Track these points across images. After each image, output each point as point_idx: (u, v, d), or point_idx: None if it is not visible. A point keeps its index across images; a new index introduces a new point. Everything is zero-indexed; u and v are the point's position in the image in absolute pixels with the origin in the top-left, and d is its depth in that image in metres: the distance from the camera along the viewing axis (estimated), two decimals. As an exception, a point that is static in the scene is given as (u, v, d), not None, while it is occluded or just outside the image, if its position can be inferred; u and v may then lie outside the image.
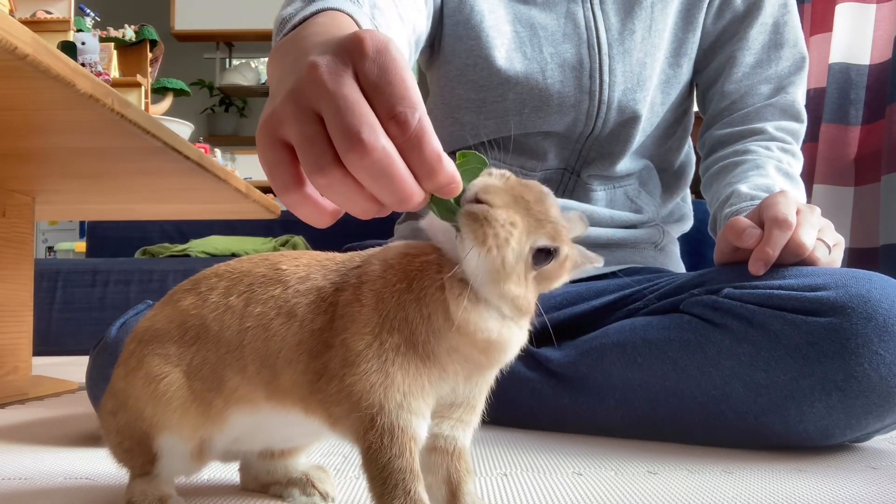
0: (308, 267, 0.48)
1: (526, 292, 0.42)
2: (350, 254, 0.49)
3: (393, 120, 0.38)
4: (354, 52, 0.40)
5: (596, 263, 0.46)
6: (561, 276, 0.44)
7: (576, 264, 0.45)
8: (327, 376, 0.43)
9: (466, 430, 0.48)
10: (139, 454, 0.51)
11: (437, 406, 0.46)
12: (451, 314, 0.42)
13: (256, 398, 0.48)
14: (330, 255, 0.50)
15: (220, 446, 0.53)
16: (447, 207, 0.41)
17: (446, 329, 0.42)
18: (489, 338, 0.43)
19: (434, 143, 0.39)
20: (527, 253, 0.41)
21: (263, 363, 0.46)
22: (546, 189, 0.44)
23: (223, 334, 0.48)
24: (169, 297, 0.53)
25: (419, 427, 0.43)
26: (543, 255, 0.42)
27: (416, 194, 0.39)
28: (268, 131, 0.42)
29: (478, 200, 0.40)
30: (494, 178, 0.42)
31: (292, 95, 0.41)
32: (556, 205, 0.43)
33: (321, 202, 0.42)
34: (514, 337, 0.44)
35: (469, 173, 0.42)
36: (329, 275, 0.47)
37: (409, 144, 0.38)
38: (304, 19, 0.58)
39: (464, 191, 0.41)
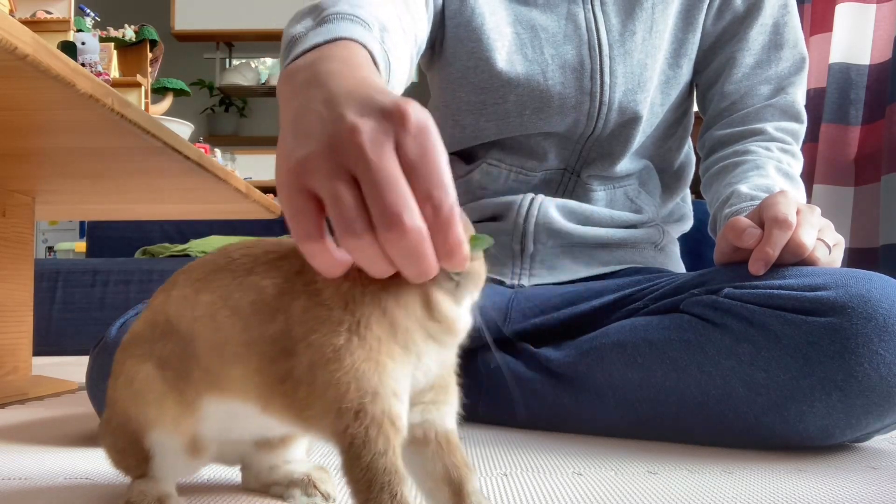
0: (255, 259, 0.47)
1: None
2: (287, 248, 0.48)
3: (429, 203, 0.40)
4: (398, 125, 0.41)
5: None
6: None
7: None
8: (292, 382, 0.42)
9: (442, 410, 0.47)
10: (132, 454, 0.52)
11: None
12: (435, 312, 0.43)
13: (222, 388, 0.47)
14: (275, 244, 0.49)
15: (211, 436, 0.52)
16: None
17: (425, 318, 0.43)
18: (464, 326, 0.45)
19: (459, 229, 0.41)
20: None
21: (212, 353, 0.46)
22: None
23: (180, 325, 0.48)
24: (149, 301, 0.54)
25: (404, 416, 0.42)
26: None
27: (434, 271, 0.41)
28: (295, 178, 0.42)
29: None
30: None
31: (329, 152, 0.41)
32: None
33: (337, 254, 0.43)
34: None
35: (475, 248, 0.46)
36: (270, 272, 0.46)
37: (438, 227, 0.40)
38: (316, 46, 0.58)
39: None
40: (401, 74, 0.76)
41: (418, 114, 0.42)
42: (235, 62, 4.64)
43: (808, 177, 2.04)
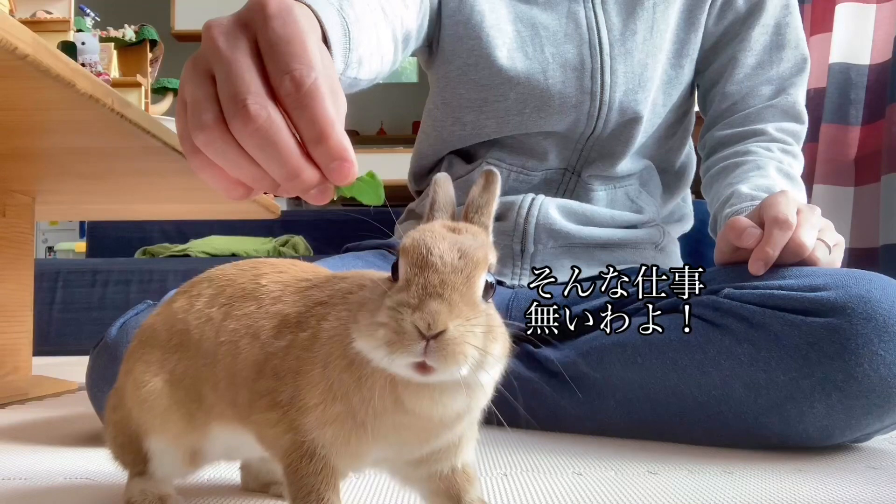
0: (284, 286, 0.48)
1: (492, 334, 0.38)
2: (324, 277, 0.48)
3: (288, 76, 0.38)
4: (256, 15, 0.41)
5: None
6: None
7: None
8: (270, 400, 0.44)
9: (451, 459, 0.46)
10: (130, 451, 0.52)
11: (400, 462, 0.46)
12: (401, 402, 0.40)
13: (228, 416, 0.48)
14: (311, 271, 0.49)
15: (214, 456, 0.53)
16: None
17: (392, 409, 0.40)
18: (447, 414, 0.41)
19: (327, 107, 0.38)
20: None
21: (230, 381, 0.46)
22: (464, 227, 0.41)
23: (202, 345, 0.48)
24: (172, 297, 0.53)
25: (339, 469, 0.43)
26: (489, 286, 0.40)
27: (302, 168, 0.39)
28: (178, 100, 0.43)
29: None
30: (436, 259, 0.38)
31: (192, 60, 0.41)
32: (472, 232, 0.41)
33: (219, 165, 0.42)
34: (477, 397, 0.41)
35: (369, 192, 0.42)
36: (298, 301, 0.46)
37: (300, 104, 0.38)
38: None
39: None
40: (374, 48, 0.73)
41: (279, 0, 0.41)
42: (235, 62, 4.64)
43: (808, 177, 2.04)
